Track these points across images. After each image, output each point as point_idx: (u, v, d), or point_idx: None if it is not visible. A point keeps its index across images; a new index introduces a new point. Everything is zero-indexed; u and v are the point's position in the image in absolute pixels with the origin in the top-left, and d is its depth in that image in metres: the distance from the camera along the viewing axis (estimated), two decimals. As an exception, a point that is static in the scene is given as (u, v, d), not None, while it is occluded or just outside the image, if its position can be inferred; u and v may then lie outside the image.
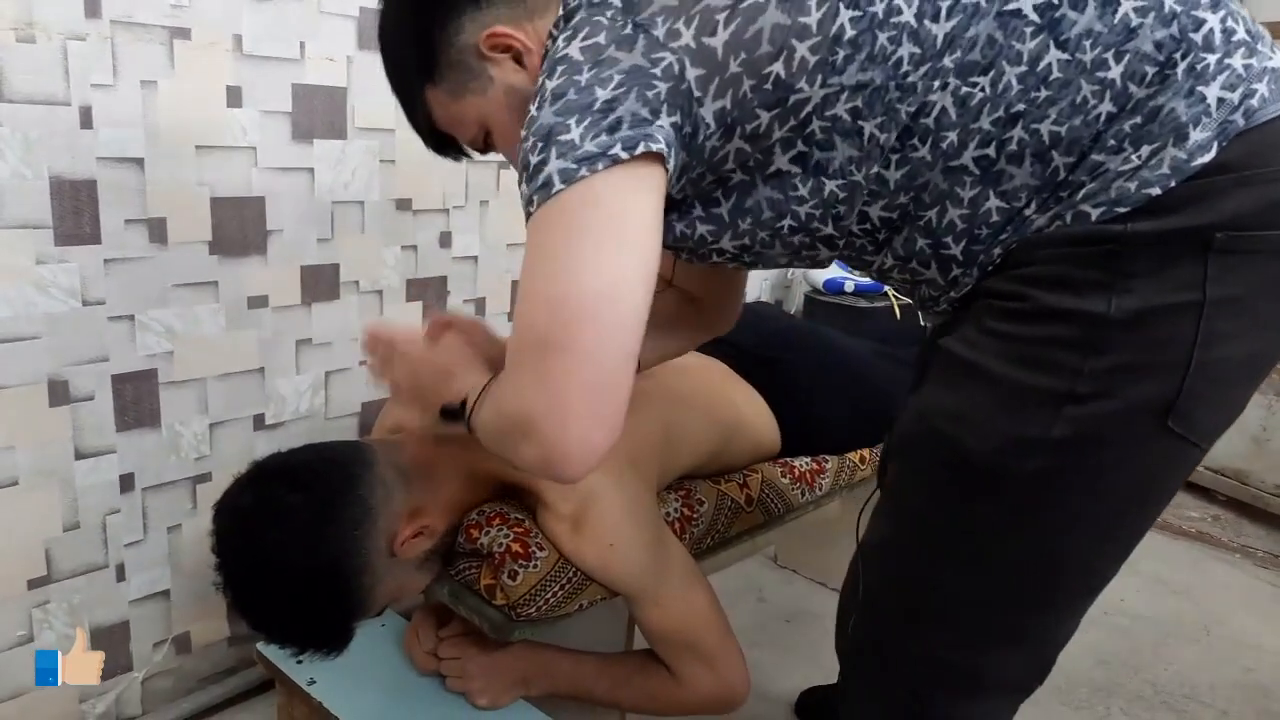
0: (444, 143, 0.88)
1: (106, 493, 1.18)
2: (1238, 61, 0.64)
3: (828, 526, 1.44)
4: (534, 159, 0.65)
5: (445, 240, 1.49)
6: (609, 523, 0.97)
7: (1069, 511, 0.71)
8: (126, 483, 1.20)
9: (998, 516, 0.73)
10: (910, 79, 0.67)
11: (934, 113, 0.68)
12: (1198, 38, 0.64)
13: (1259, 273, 0.65)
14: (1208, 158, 0.63)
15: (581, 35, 0.68)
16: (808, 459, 1.33)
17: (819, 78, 0.67)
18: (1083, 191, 0.66)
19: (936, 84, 0.67)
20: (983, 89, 0.67)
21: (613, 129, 0.64)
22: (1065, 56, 0.65)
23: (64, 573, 1.17)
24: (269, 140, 1.23)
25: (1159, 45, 0.64)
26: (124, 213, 1.11)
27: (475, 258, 1.55)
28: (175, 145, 1.14)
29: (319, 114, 1.27)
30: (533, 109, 0.67)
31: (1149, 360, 0.66)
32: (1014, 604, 0.76)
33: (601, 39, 0.67)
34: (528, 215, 0.66)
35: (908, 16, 0.67)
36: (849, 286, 2.13)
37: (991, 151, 0.68)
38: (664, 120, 0.66)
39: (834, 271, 2.13)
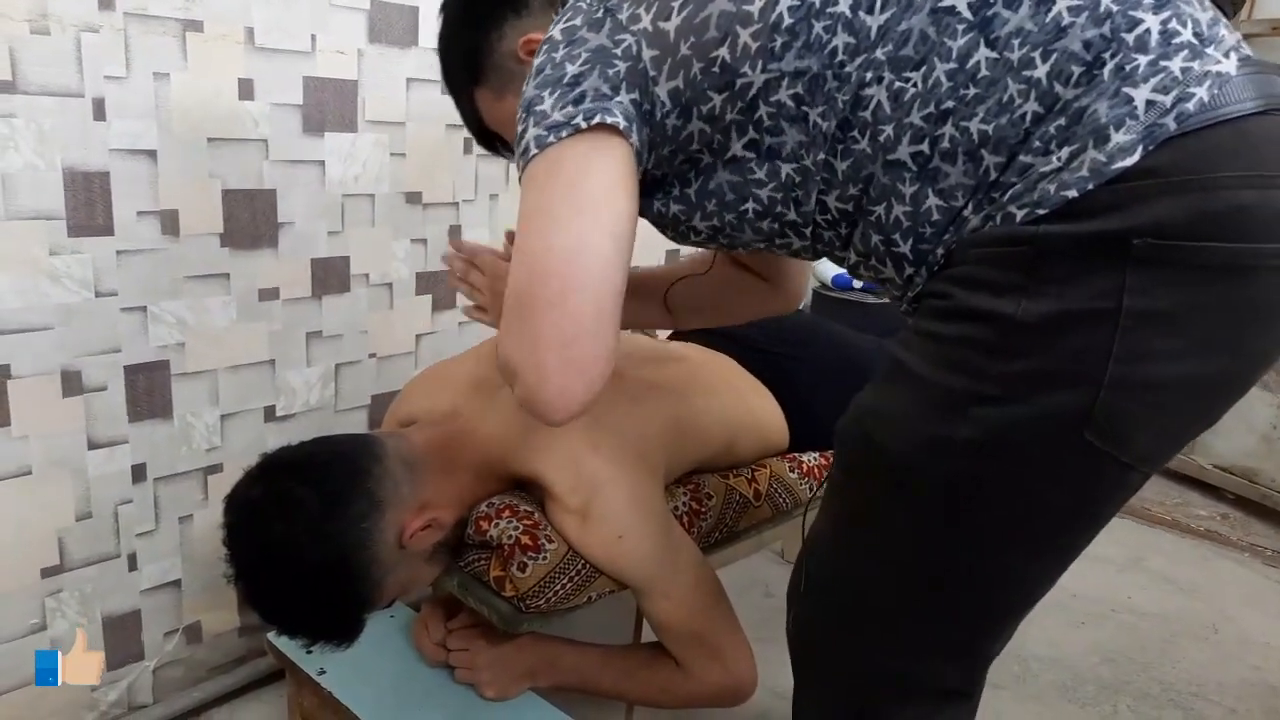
0: (491, 139, 0.98)
1: (118, 483, 1.19)
2: (1176, 64, 0.60)
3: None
4: (519, 129, 0.73)
5: (455, 234, 1.50)
6: (617, 515, 0.97)
7: (989, 521, 0.69)
8: (138, 473, 1.21)
9: (918, 522, 0.71)
10: (846, 69, 0.68)
11: (870, 106, 0.68)
12: (1130, 38, 0.61)
13: (1198, 289, 0.60)
14: (1129, 161, 0.59)
15: (565, 19, 0.76)
16: (815, 454, 1.33)
17: (760, 63, 0.70)
18: (1010, 192, 0.64)
19: (870, 75, 0.68)
20: (915, 84, 0.66)
21: (577, 101, 0.70)
22: (994, 55, 0.64)
23: (76, 562, 1.17)
24: (280, 133, 1.23)
25: (1087, 45, 0.62)
26: (136, 204, 1.12)
27: (484, 251, 1.55)
28: (187, 137, 1.14)
29: (330, 107, 1.28)
30: (524, 85, 0.75)
31: (1061, 368, 0.62)
32: (943, 615, 0.75)
33: (578, 21, 0.75)
34: (520, 181, 0.73)
35: (843, 8, 0.68)
36: (857, 283, 2.13)
37: (925, 148, 0.67)
38: (623, 96, 0.72)
39: (843, 267, 2.12)
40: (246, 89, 1.18)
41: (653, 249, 1.67)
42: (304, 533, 0.89)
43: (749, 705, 1.09)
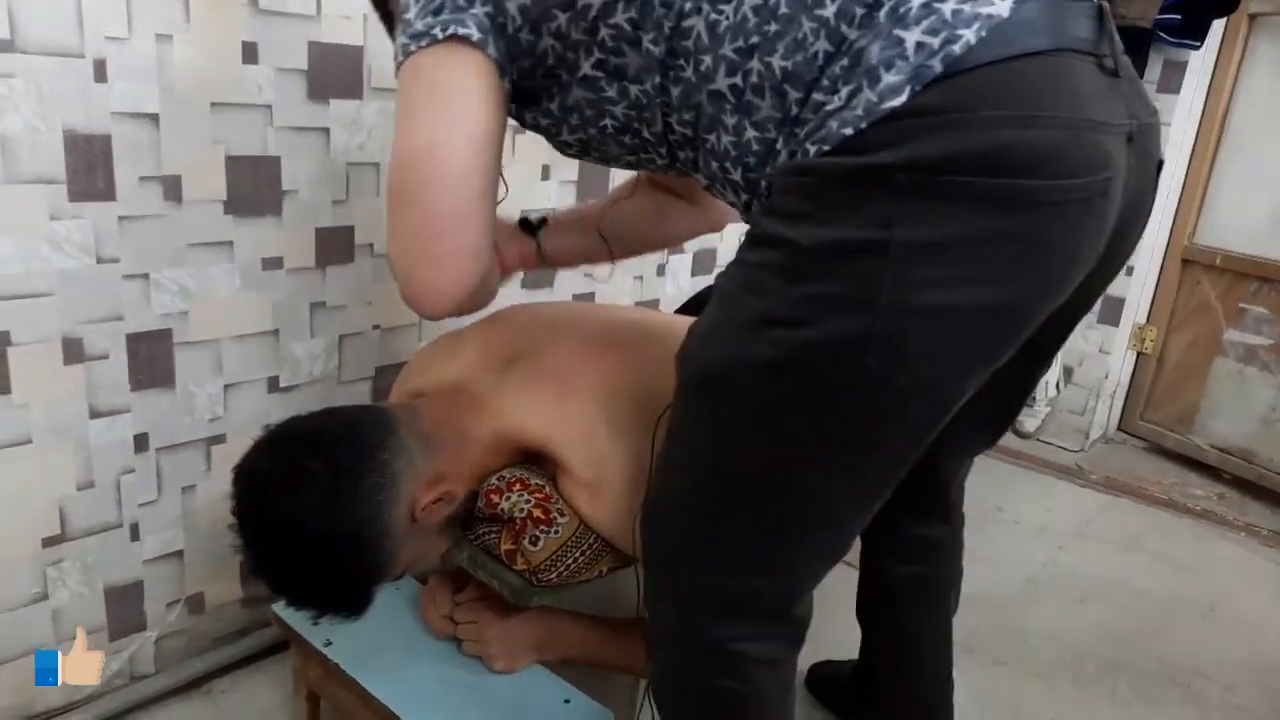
0: (391, 19, 0.97)
1: (120, 452, 1.17)
2: (948, 7, 0.63)
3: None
4: (394, 40, 0.80)
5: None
6: (629, 490, 0.96)
7: (787, 436, 0.72)
8: (140, 443, 1.19)
9: (726, 433, 0.75)
10: None
11: (692, 36, 0.72)
12: None
13: (965, 221, 0.62)
14: (897, 101, 0.62)
15: None
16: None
17: None
18: (806, 129, 0.68)
19: (689, 6, 0.72)
20: (727, 16, 0.71)
21: (436, 12, 0.76)
22: None
23: (78, 531, 1.16)
24: (285, 98, 1.20)
25: None
26: (138, 169, 1.09)
27: (489, 223, 1.53)
28: (190, 101, 1.12)
29: (335, 73, 1.25)
30: None
31: (842, 293, 0.65)
32: (754, 531, 0.78)
33: None
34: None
35: None
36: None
37: (739, 80, 0.71)
38: (478, 9, 0.77)
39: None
40: (250, 53, 1.16)
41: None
42: (316, 507, 0.88)
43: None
